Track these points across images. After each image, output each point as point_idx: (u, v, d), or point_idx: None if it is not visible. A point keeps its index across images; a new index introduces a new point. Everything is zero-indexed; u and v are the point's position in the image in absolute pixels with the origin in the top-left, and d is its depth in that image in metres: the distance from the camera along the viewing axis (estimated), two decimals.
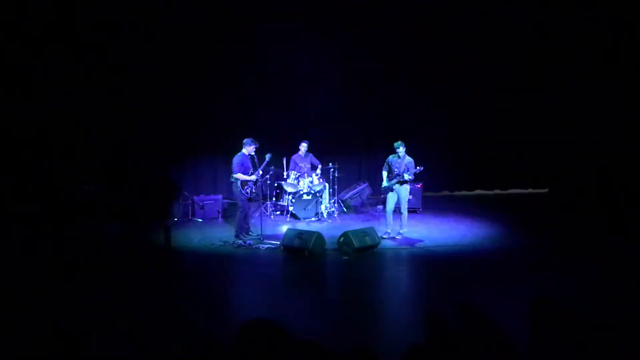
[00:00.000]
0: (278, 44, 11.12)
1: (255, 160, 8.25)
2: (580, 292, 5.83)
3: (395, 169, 8.30)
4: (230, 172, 8.24)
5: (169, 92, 10.94)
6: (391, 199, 8.41)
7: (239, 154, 8.17)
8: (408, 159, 8.29)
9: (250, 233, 8.49)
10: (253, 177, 8.18)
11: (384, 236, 8.34)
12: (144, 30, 10.56)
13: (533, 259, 7.33)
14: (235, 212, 8.51)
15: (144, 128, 10.79)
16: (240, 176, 8.07)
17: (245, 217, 8.40)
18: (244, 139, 8.22)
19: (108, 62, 10.44)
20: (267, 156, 8.26)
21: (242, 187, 8.12)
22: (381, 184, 8.55)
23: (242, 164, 8.10)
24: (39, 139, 9.98)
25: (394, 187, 8.32)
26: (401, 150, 8.27)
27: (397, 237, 8.40)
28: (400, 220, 8.43)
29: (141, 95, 10.71)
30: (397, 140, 8.35)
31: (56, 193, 8.14)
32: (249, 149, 8.18)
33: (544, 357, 2.81)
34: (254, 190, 8.25)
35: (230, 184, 8.44)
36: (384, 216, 8.62)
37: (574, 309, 3.17)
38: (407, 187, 8.39)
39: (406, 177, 8.17)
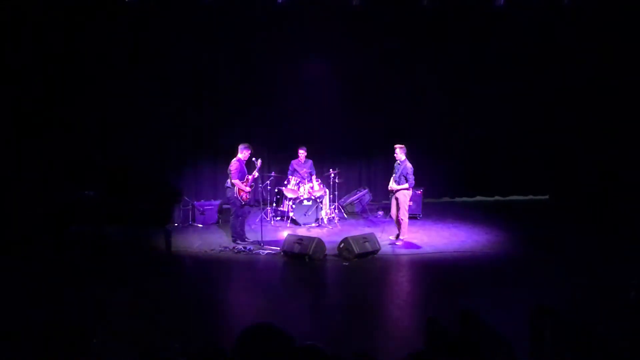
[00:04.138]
0: (278, 52, 11.16)
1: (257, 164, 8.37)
2: (578, 300, 5.84)
3: (394, 175, 8.34)
4: (227, 177, 8.29)
5: (170, 97, 10.95)
6: (393, 204, 8.44)
7: (235, 159, 8.22)
8: (407, 165, 8.28)
9: (246, 239, 8.50)
10: (248, 189, 8.26)
11: (391, 237, 8.33)
12: (143, 34, 10.58)
13: (532, 266, 7.33)
14: (228, 217, 8.52)
15: (144, 133, 10.80)
16: (238, 183, 8.12)
17: (241, 223, 8.43)
18: (241, 144, 8.32)
19: (107, 66, 10.44)
20: (258, 161, 8.35)
21: (239, 193, 8.16)
22: (383, 190, 8.56)
23: (240, 170, 8.17)
24: (39, 144, 9.99)
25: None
26: (397, 154, 8.29)
27: (397, 243, 8.42)
28: (401, 226, 8.44)
29: (142, 100, 10.72)
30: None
31: (57, 197, 8.14)
32: (245, 154, 8.24)
33: None
34: (249, 196, 8.36)
35: (225, 188, 8.51)
36: (385, 222, 8.61)
37: (572, 317, 3.17)
38: (406, 193, 8.37)
39: (391, 184, 8.23)
